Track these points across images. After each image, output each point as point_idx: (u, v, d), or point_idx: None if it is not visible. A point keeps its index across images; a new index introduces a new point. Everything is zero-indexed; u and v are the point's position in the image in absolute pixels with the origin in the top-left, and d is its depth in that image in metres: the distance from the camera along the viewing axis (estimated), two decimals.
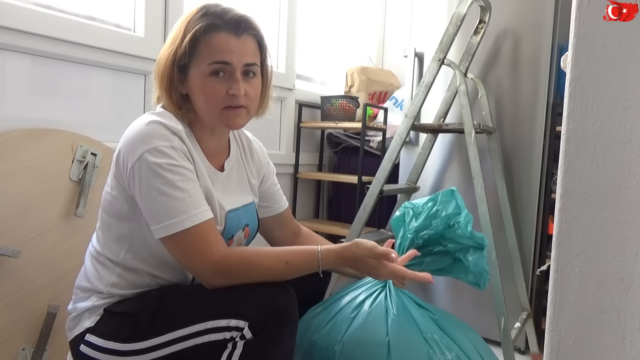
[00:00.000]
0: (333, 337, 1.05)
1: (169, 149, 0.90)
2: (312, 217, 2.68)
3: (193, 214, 0.90)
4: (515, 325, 1.75)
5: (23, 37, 1.38)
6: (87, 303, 0.99)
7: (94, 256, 1.02)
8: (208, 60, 0.93)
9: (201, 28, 0.93)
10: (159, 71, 0.98)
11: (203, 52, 0.94)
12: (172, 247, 0.91)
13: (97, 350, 0.94)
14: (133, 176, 0.90)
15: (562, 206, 0.62)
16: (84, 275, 1.03)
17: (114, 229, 0.99)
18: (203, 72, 0.94)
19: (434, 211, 1.12)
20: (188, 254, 0.90)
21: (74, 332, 0.99)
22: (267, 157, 1.23)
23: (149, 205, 0.90)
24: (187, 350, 0.89)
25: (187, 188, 0.90)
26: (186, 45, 0.93)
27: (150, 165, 0.88)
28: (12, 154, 1.31)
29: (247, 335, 0.85)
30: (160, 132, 0.91)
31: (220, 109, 0.96)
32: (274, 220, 1.24)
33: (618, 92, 0.59)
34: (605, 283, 0.60)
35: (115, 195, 0.97)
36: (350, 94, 2.67)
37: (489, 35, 1.90)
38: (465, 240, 1.10)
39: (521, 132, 1.88)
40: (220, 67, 0.94)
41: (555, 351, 0.63)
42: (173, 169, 0.89)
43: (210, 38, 0.94)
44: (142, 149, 0.89)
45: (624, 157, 0.59)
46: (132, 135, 0.92)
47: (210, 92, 0.94)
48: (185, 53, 0.94)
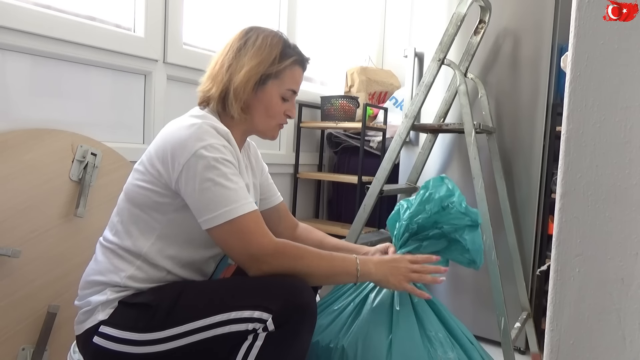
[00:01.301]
0: (335, 336, 1.06)
1: (221, 146, 0.98)
2: (312, 217, 2.68)
3: (246, 202, 0.97)
4: (515, 325, 1.75)
5: (23, 37, 1.38)
6: (101, 297, 0.99)
7: (110, 249, 1.03)
8: (288, 87, 1.12)
9: (294, 60, 1.11)
10: (244, 78, 1.06)
11: (287, 79, 1.11)
12: (228, 234, 0.95)
13: (112, 341, 0.95)
14: (187, 170, 0.95)
15: (562, 206, 0.62)
16: (96, 269, 1.03)
17: (143, 221, 1.01)
18: (280, 93, 1.11)
19: (427, 196, 1.15)
20: (246, 238, 0.95)
21: (85, 325, 0.99)
22: (260, 155, 1.30)
23: (204, 196, 0.94)
24: (205, 341, 0.90)
25: (238, 181, 0.98)
26: (278, 68, 1.09)
27: (207, 158, 0.95)
28: (12, 154, 1.31)
29: (269, 328, 0.88)
30: (212, 132, 0.99)
31: (277, 123, 1.14)
32: (272, 214, 1.28)
33: (618, 92, 0.59)
34: (605, 283, 0.60)
35: (150, 189, 1.00)
36: (350, 94, 2.67)
37: (489, 35, 1.90)
38: (459, 220, 1.12)
39: (521, 132, 1.88)
40: (290, 95, 1.13)
41: (555, 351, 0.63)
42: (226, 163, 0.97)
43: (296, 70, 1.13)
44: (197, 145, 0.95)
45: (624, 157, 0.59)
46: (184, 133, 0.97)
47: (277, 109, 1.12)
48: (272, 74, 1.09)
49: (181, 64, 1.84)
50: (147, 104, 1.76)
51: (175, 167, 0.96)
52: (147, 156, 1.03)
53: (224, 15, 2.14)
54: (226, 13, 2.15)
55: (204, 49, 2.01)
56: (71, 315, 1.06)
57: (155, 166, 0.99)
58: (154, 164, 1.00)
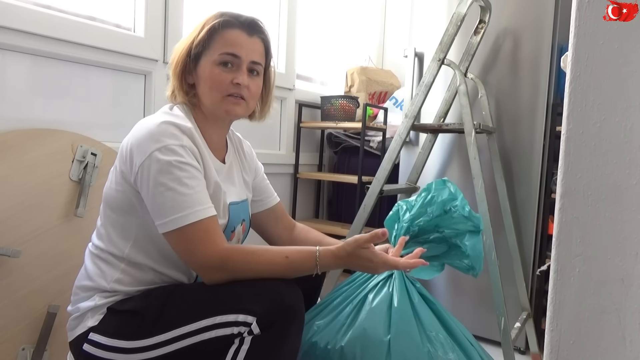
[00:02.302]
0: (333, 337, 1.05)
1: (179, 147, 0.94)
2: (312, 217, 2.68)
3: (198, 209, 0.93)
4: (515, 325, 1.75)
5: (23, 37, 1.38)
6: (90, 303, 0.99)
7: (95, 254, 1.03)
8: (219, 51, 1.02)
9: (219, 23, 1.03)
10: (174, 60, 1.06)
11: (216, 43, 1.02)
12: (176, 241, 0.93)
13: (101, 349, 0.94)
14: (142, 172, 0.93)
15: (562, 206, 0.62)
16: (85, 274, 1.03)
17: (119, 224, 1.00)
18: (213, 61, 1.02)
19: (428, 199, 1.13)
20: (191, 248, 0.92)
21: (76, 332, 0.99)
22: (254, 155, 1.28)
23: (156, 200, 0.92)
24: (193, 346, 0.90)
25: (194, 185, 0.94)
26: (203, 35, 1.02)
27: (160, 162, 0.91)
28: (12, 153, 1.31)
29: (255, 331, 0.86)
30: (171, 131, 0.95)
31: (223, 95, 1.03)
32: (268, 215, 1.26)
33: (618, 92, 0.59)
34: (605, 283, 0.60)
35: (120, 190, 0.99)
36: (350, 94, 2.67)
37: (489, 35, 1.90)
38: (461, 225, 1.11)
39: (521, 132, 1.88)
40: (229, 59, 1.03)
41: (555, 351, 0.63)
42: (181, 166, 0.93)
43: (226, 32, 1.03)
44: (152, 147, 0.92)
45: (624, 157, 0.59)
46: (143, 133, 0.95)
47: (217, 79, 1.02)
48: (201, 43, 1.02)
49: None
50: (147, 104, 1.76)
51: (134, 167, 0.94)
52: (118, 156, 1.01)
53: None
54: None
55: None
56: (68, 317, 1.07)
57: (120, 165, 0.99)
58: (119, 163, 1.00)
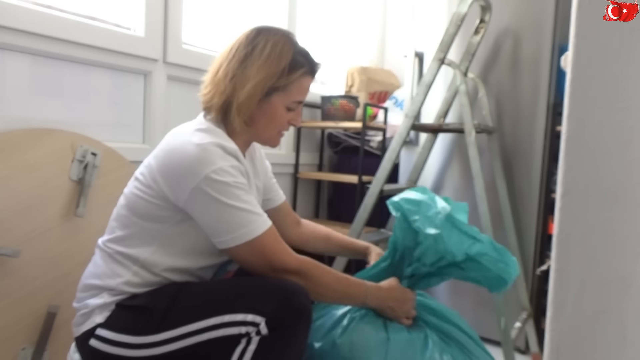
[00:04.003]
0: (332, 339, 1.05)
1: (231, 168, 0.95)
2: (312, 216, 2.68)
3: (263, 219, 0.97)
4: (515, 325, 1.75)
5: (23, 37, 1.38)
6: (98, 300, 0.98)
7: (108, 253, 1.02)
8: (295, 98, 1.06)
9: (306, 72, 1.05)
10: (251, 88, 1.00)
11: (294, 90, 1.05)
12: (248, 253, 0.95)
13: (108, 344, 0.94)
14: (198, 194, 0.93)
15: (562, 206, 0.62)
16: (94, 272, 1.02)
17: (144, 230, 1.00)
18: (285, 105, 1.05)
19: (444, 245, 1.06)
20: (268, 256, 0.95)
21: (83, 328, 0.98)
22: (264, 155, 1.27)
23: (220, 219, 0.93)
24: (199, 344, 0.90)
25: (251, 200, 0.97)
26: (286, 80, 1.02)
27: (218, 183, 0.92)
28: (12, 153, 1.31)
29: (263, 331, 0.86)
30: (220, 153, 0.96)
31: (279, 131, 1.09)
32: (276, 213, 1.26)
33: (618, 92, 0.59)
34: (606, 283, 0.60)
35: (151, 202, 0.98)
36: (350, 94, 2.67)
37: (490, 35, 1.90)
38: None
39: (521, 132, 1.88)
40: (296, 105, 1.08)
41: (555, 351, 0.63)
42: (238, 185, 0.95)
43: (305, 81, 1.07)
44: (207, 170, 0.92)
45: (624, 157, 0.59)
46: (191, 154, 0.93)
47: (280, 120, 1.07)
48: (281, 85, 1.02)
49: (181, 64, 1.84)
50: (147, 104, 1.76)
51: (183, 189, 0.94)
52: (149, 169, 0.99)
53: (224, 15, 2.14)
54: (226, 13, 2.15)
55: (204, 48, 2.00)
56: (71, 316, 1.06)
57: (157, 182, 0.97)
58: (157, 179, 0.97)
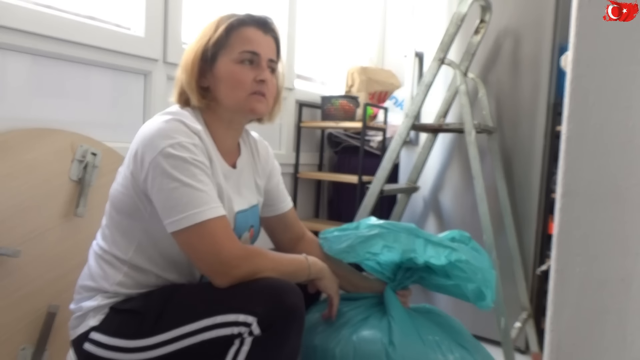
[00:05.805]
0: (333, 340, 1.05)
1: (191, 145, 0.93)
2: (312, 217, 2.68)
3: (216, 206, 0.92)
4: (515, 325, 1.75)
5: (23, 37, 1.38)
6: (92, 302, 0.98)
7: (99, 255, 1.02)
8: (239, 49, 1.01)
9: (234, 22, 1.02)
10: (187, 63, 1.02)
11: (235, 42, 1.01)
12: (195, 238, 0.90)
13: (101, 348, 0.94)
14: (154, 169, 0.90)
15: (562, 206, 0.62)
16: (88, 274, 1.02)
17: (123, 227, 1.00)
18: (234, 60, 1.01)
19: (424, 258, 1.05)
20: (216, 242, 0.90)
21: (78, 331, 0.99)
22: (272, 156, 1.24)
23: (171, 196, 0.90)
24: (193, 347, 0.89)
25: (208, 182, 0.93)
26: (220, 34, 1.01)
27: (174, 157, 0.90)
28: (12, 153, 1.31)
29: (255, 332, 0.86)
30: (181, 129, 0.94)
31: (248, 93, 1.02)
32: (277, 221, 1.24)
33: (618, 91, 0.59)
34: (606, 283, 0.60)
35: (126, 194, 0.98)
36: (350, 94, 2.67)
37: (490, 34, 1.90)
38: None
39: (521, 132, 1.88)
40: (250, 57, 1.02)
41: (555, 351, 0.63)
42: (196, 163, 0.92)
43: (243, 30, 1.02)
44: (164, 143, 0.90)
45: (625, 157, 0.59)
46: (152, 131, 0.93)
47: (240, 77, 1.01)
48: (218, 42, 1.01)
49: None
50: (147, 104, 1.76)
51: (144, 165, 0.92)
52: (126, 157, 1.00)
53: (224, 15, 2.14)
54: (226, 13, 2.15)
55: None
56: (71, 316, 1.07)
57: (129, 167, 0.97)
58: (127, 163, 0.98)
